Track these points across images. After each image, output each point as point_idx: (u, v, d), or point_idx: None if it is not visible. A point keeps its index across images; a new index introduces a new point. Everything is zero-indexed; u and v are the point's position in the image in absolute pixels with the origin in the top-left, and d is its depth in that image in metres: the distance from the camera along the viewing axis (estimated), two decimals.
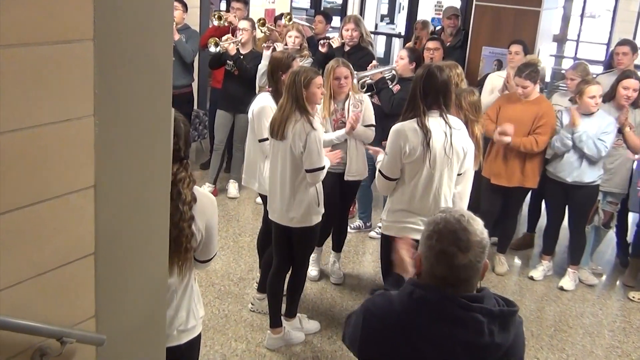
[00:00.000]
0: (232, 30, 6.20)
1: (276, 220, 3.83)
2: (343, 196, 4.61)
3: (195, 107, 7.42)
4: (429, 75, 3.37)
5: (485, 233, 1.82)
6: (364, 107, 4.50)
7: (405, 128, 3.37)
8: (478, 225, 1.81)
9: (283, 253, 3.93)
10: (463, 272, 1.78)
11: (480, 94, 4.21)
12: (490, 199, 5.08)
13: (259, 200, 6.06)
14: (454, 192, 3.58)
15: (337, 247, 4.91)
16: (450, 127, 3.37)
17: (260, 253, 4.43)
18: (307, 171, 3.65)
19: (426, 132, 3.32)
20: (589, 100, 4.72)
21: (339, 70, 4.40)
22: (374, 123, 4.55)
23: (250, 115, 4.23)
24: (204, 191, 2.50)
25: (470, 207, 3.86)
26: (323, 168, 3.68)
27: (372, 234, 5.68)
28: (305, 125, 3.60)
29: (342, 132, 4.42)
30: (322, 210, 3.83)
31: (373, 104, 5.30)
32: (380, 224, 5.67)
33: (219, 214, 5.81)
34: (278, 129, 3.65)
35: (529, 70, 4.83)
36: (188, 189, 2.34)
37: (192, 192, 2.37)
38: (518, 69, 4.94)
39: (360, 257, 5.27)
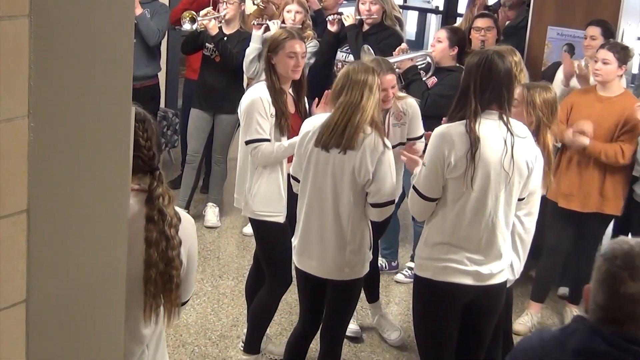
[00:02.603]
0: (214, 2, 6.25)
1: (314, 272, 3.76)
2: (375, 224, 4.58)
3: (162, 105, 7.45)
4: (489, 65, 3.34)
5: None
6: (409, 119, 4.47)
7: (451, 131, 3.34)
8: None
9: (317, 313, 3.90)
10: (630, 304, 1.94)
11: None
12: (559, 229, 5.06)
13: (247, 230, 6.07)
14: (516, 221, 3.56)
15: (372, 297, 4.92)
16: (512, 135, 3.36)
17: (249, 301, 4.42)
18: (376, 206, 3.64)
19: (474, 141, 3.29)
20: None
21: (384, 79, 4.15)
22: (422, 132, 4.51)
23: (239, 111, 4.25)
24: (179, 209, 2.52)
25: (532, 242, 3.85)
26: (394, 202, 3.69)
27: (399, 276, 5.66)
28: (377, 142, 3.57)
29: None
30: (372, 256, 3.85)
31: None
32: (409, 264, 5.70)
33: None
34: (336, 135, 3.56)
35: (619, 47, 4.83)
36: (171, 207, 2.38)
37: (175, 211, 2.41)
38: (602, 45, 4.94)
39: (383, 307, 5.25)
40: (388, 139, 4.31)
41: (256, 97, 4.13)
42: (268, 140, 4.07)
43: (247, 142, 4.12)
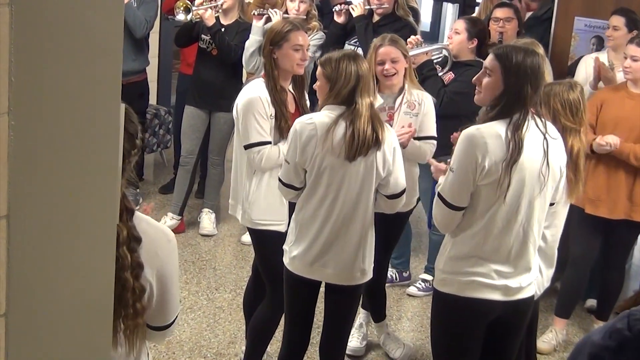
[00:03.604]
0: None
1: (328, 279, 3.80)
2: (385, 237, 4.52)
3: (154, 102, 7.46)
4: (541, 67, 3.33)
5: None
6: (422, 113, 4.48)
7: (484, 133, 3.26)
8: None
9: (309, 326, 3.96)
10: None
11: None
12: (585, 238, 5.05)
13: (245, 238, 6.07)
14: (543, 235, 3.55)
15: (377, 317, 4.93)
16: (545, 138, 3.33)
17: (248, 315, 4.42)
18: (392, 197, 3.77)
19: (515, 150, 3.23)
20: None
21: (383, 51, 4.41)
22: (434, 134, 4.54)
23: (234, 111, 4.22)
24: (154, 222, 2.48)
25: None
26: (405, 191, 3.83)
27: (412, 289, 5.66)
28: (388, 129, 3.74)
29: None
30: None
31: None
32: (422, 276, 5.69)
33: (187, 258, 5.84)
34: (367, 142, 3.62)
35: None
36: (121, 223, 2.28)
37: (130, 225, 2.34)
38: (631, 39, 4.95)
39: (394, 322, 5.25)
40: (394, 125, 4.44)
41: (254, 96, 4.08)
42: (270, 142, 4.07)
43: (248, 146, 4.07)
